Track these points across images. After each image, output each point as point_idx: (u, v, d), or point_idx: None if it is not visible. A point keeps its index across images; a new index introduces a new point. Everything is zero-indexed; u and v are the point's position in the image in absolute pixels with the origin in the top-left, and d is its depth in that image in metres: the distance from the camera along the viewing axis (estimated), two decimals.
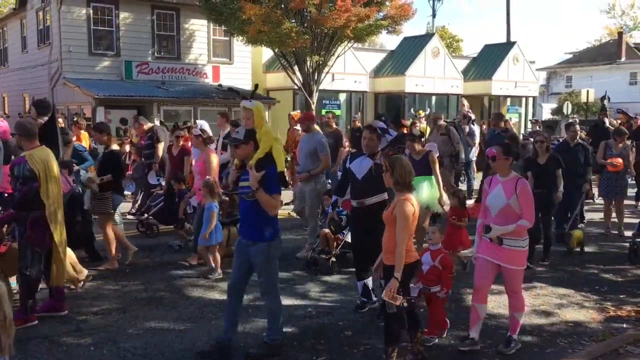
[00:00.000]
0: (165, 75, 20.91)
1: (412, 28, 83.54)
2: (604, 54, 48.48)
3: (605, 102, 17.68)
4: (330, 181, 10.36)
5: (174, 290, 6.88)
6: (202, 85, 21.56)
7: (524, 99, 30.42)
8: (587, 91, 29.97)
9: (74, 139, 10.60)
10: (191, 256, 8.08)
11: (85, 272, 6.94)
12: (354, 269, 6.43)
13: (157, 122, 11.95)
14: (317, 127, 8.89)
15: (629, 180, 11.29)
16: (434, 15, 37.87)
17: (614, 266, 8.07)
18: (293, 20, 18.64)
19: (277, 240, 4.99)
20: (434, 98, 27.49)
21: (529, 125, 19.43)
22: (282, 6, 18.35)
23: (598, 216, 11.31)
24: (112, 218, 7.83)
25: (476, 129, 14.31)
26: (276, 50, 20.07)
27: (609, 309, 6.31)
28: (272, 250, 4.95)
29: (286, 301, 6.43)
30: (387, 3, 19.52)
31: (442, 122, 11.20)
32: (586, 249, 9.03)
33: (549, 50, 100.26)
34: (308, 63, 19.94)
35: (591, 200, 11.99)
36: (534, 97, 31.03)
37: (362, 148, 6.14)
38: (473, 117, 14.67)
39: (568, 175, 8.56)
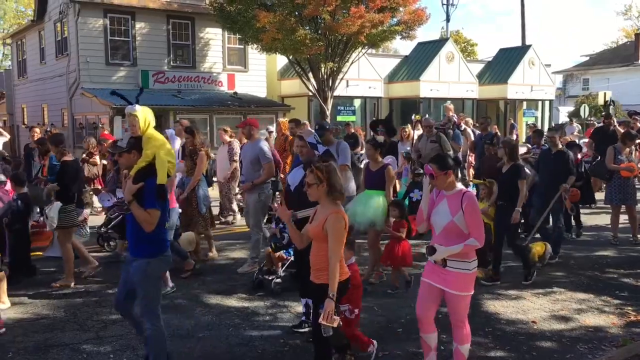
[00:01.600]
0: (181, 84, 21.10)
1: (426, 33, 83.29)
2: (621, 55, 48.01)
3: (611, 108, 16.97)
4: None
5: (191, 298, 6.92)
6: (218, 93, 21.72)
7: (540, 103, 30.26)
8: (605, 93, 29.72)
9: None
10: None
11: None
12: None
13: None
14: (259, 134, 8.32)
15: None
16: (448, 20, 37.79)
17: (634, 270, 7.96)
18: (307, 28, 18.72)
19: (158, 257, 4.55)
20: (449, 103, 27.41)
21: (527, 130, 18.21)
22: (296, 14, 18.44)
23: (604, 221, 11.07)
24: (72, 233, 7.57)
25: (463, 133, 13.75)
26: (290, 57, 20.17)
27: (630, 314, 6.24)
28: (150, 268, 4.50)
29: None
30: (401, 9, 19.53)
31: (432, 127, 10.62)
32: (606, 253, 8.94)
33: (564, 53, 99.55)
34: (322, 70, 20.00)
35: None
36: (550, 101, 30.85)
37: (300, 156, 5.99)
38: (457, 120, 14.11)
39: (548, 183, 8.36)
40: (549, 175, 8.44)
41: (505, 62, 29.49)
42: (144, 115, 4.63)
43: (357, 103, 25.25)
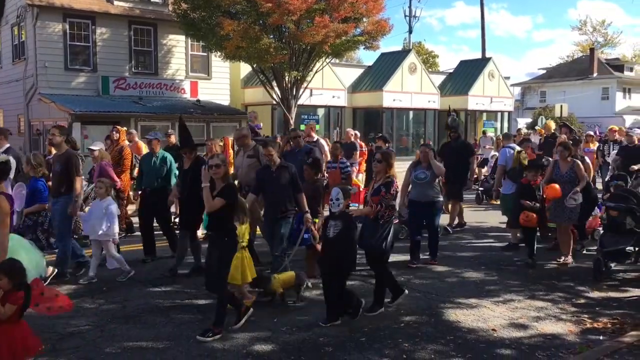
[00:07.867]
0: (142, 91, 20.84)
1: (389, 44, 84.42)
2: (577, 69, 49.50)
3: (450, 119, 15.75)
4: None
5: (151, 309, 6.79)
6: (180, 100, 21.51)
7: (499, 114, 30.93)
8: (561, 106, 30.60)
9: None
10: None
11: None
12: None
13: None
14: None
15: None
16: (410, 31, 38.37)
17: (589, 279, 8.16)
18: (271, 36, 18.74)
19: None
20: (411, 113, 27.83)
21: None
22: (261, 22, 18.44)
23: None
24: None
25: (317, 145, 11.55)
26: (254, 65, 20.14)
27: (586, 322, 6.38)
28: None
29: (266, 317, 6.40)
30: (364, 19, 19.75)
31: (249, 140, 8.81)
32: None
33: (522, 66, 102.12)
34: (286, 78, 20.05)
35: None
36: (509, 112, 31.57)
37: None
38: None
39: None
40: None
41: (466, 74, 30.08)
42: None
43: (320, 112, 25.35)
